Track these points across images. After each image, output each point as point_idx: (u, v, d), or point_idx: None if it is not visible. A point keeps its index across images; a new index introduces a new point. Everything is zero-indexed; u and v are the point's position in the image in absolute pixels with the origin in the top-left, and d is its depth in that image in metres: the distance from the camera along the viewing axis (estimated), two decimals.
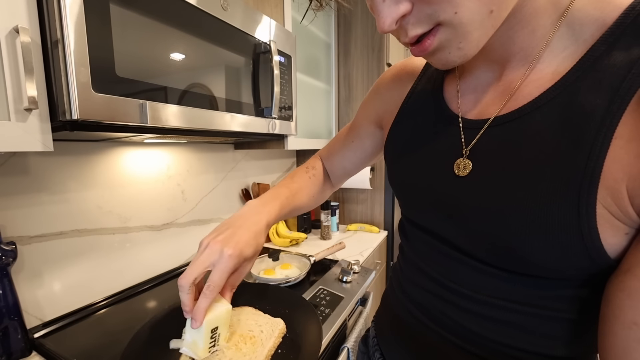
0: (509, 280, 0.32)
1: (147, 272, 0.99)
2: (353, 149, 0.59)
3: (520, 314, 0.32)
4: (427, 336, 0.41)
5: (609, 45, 0.26)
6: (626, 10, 0.26)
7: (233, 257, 0.38)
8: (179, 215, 1.08)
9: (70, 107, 0.47)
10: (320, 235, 1.46)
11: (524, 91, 0.31)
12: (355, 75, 1.56)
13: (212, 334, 0.40)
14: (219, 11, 0.71)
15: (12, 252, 0.65)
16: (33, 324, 0.73)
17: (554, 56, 0.29)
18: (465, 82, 0.38)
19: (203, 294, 0.38)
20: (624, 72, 0.25)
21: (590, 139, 0.25)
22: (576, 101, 0.27)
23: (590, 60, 0.27)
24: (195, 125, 0.68)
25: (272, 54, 0.86)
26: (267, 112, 0.89)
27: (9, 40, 0.45)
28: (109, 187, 0.88)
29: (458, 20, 0.26)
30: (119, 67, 0.52)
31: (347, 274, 0.98)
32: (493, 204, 0.31)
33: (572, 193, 0.26)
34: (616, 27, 0.26)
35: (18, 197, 0.70)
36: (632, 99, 0.24)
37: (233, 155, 1.31)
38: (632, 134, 0.24)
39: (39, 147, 0.49)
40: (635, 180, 0.24)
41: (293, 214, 0.55)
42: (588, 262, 0.27)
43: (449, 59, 0.29)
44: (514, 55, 0.32)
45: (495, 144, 0.32)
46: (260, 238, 0.43)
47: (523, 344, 0.33)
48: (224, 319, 0.41)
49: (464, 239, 0.35)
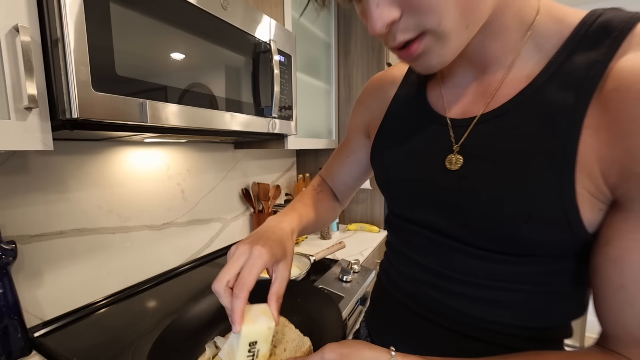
0: (500, 262, 0.35)
1: (147, 271, 0.99)
2: (349, 164, 0.61)
3: (511, 292, 0.36)
4: (425, 328, 0.43)
5: (569, 52, 0.31)
6: (579, 25, 0.32)
7: (262, 254, 0.38)
8: (178, 214, 1.09)
9: (70, 106, 0.47)
10: (320, 235, 1.46)
11: (502, 92, 0.35)
12: (356, 75, 1.56)
13: (250, 348, 0.37)
14: (219, 10, 0.71)
15: (12, 251, 0.65)
16: (33, 323, 0.73)
17: (524, 63, 0.34)
18: (448, 86, 0.42)
19: (235, 295, 0.36)
20: (584, 73, 0.30)
21: (564, 130, 0.30)
22: (548, 99, 0.31)
23: (555, 65, 0.32)
24: (195, 125, 0.68)
25: (272, 53, 0.86)
26: (267, 111, 0.89)
27: (9, 39, 0.45)
28: (109, 187, 0.88)
29: (441, 30, 0.30)
30: (119, 66, 0.52)
31: (347, 273, 0.98)
32: (485, 192, 0.34)
33: (554, 177, 0.30)
34: (573, 38, 0.32)
35: (18, 196, 0.70)
36: (594, 94, 0.29)
37: (233, 155, 1.31)
38: (597, 124, 0.28)
39: (39, 146, 0.49)
40: (606, 163, 0.28)
41: (312, 227, 0.56)
42: (570, 236, 0.31)
43: (431, 64, 0.33)
44: (490, 62, 0.36)
45: (483, 139, 0.36)
46: (287, 242, 0.43)
47: (513, 320, 0.37)
48: (265, 335, 0.38)
49: (459, 228, 0.38)
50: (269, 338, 0.38)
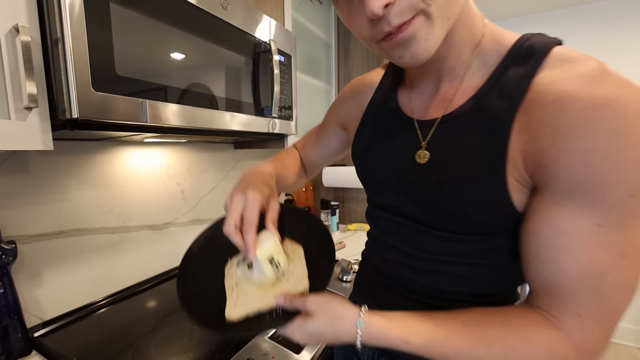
0: (456, 241, 0.43)
1: (147, 271, 0.99)
2: (322, 145, 0.70)
3: (467, 265, 0.43)
4: (402, 303, 0.49)
5: (505, 68, 0.38)
6: (512, 46, 0.39)
7: (256, 194, 0.45)
8: (178, 214, 1.09)
9: (70, 106, 0.47)
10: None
11: (456, 99, 0.42)
12: (355, 75, 1.56)
13: (272, 263, 0.45)
14: (219, 10, 0.71)
15: (12, 251, 0.65)
16: (33, 323, 0.73)
17: (472, 75, 0.41)
18: (414, 92, 0.49)
19: (245, 231, 0.44)
20: (515, 85, 0.37)
21: (499, 131, 0.37)
22: (488, 105, 0.38)
23: (494, 78, 0.39)
24: (195, 124, 0.68)
25: (272, 53, 0.86)
26: (267, 111, 0.89)
27: (9, 38, 0.45)
28: (109, 187, 0.88)
29: (431, 11, 0.34)
30: (119, 66, 0.52)
31: (347, 273, 0.98)
32: (447, 182, 0.41)
33: (493, 168, 0.37)
34: (508, 56, 0.39)
35: (18, 196, 0.70)
36: (521, 102, 0.36)
37: (233, 155, 1.31)
38: (521, 125, 0.35)
39: (39, 146, 0.49)
40: (526, 156, 0.35)
41: (284, 180, 0.62)
42: (503, 214, 0.38)
43: (417, 51, 0.36)
44: (446, 72, 0.43)
45: (444, 137, 0.42)
46: (270, 181, 0.52)
47: (470, 289, 0.45)
48: (275, 249, 0.45)
49: (425, 213, 0.45)
50: (280, 249, 0.46)
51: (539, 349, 0.35)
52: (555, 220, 0.34)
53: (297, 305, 0.42)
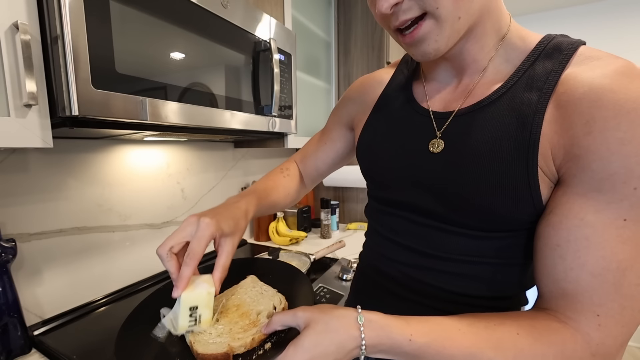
0: (473, 237, 0.41)
1: (146, 270, 0.99)
2: (326, 151, 0.66)
3: (485, 265, 0.42)
4: (403, 307, 0.46)
5: (531, 63, 0.39)
6: (538, 44, 0.40)
7: (210, 225, 0.40)
8: (178, 213, 1.08)
9: (70, 103, 0.47)
10: (320, 234, 1.46)
11: (477, 91, 0.42)
12: (355, 74, 1.56)
13: (192, 313, 0.40)
14: (219, 9, 0.71)
15: (11, 249, 0.65)
16: (33, 321, 0.73)
17: (495, 68, 0.42)
18: (431, 86, 0.49)
19: (184, 263, 0.39)
20: (544, 78, 0.37)
21: (530, 121, 0.36)
22: (517, 97, 0.38)
23: (522, 71, 0.39)
24: (195, 123, 0.67)
25: (272, 52, 0.86)
26: (267, 110, 0.89)
27: (8, 36, 0.45)
28: (109, 185, 0.88)
29: (439, 14, 0.36)
30: (118, 64, 0.52)
31: (347, 272, 0.98)
32: (464, 172, 0.40)
33: (522, 159, 0.36)
34: (534, 52, 0.39)
35: (18, 195, 0.70)
36: (552, 95, 0.36)
37: (233, 154, 1.30)
38: (552, 117, 0.35)
39: (38, 143, 0.49)
40: (555, 149, 0.35)
41: (271, 209, 0.59)
42: (532, 209, 0.37)
43: (428, 50, 0.39)
44: (469, 65, 0.43)
45: (462, 127, 0.42)
46: (240, 221, 0.46)
47: (485, 292, 0.43)
48: (204, 300, 0.40)
49: (439, 205, 0.43)
50: (210, 303, 0.40)
51: (552, 350, 0.33)
52: (579, 212, 0.33)
53: (287, 322, 0.38)
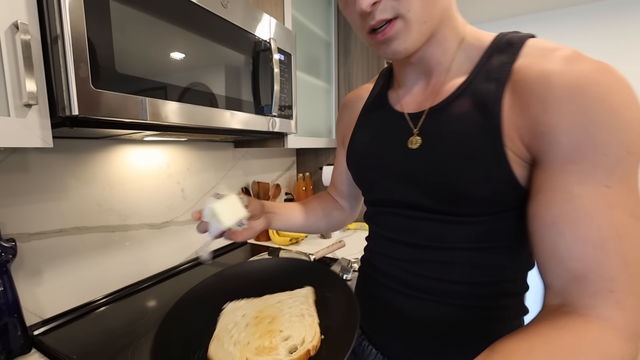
0: (464, 223, 0.44)
1: (146, 270, 0.99)
2: (339, 173, 0.71)
3: (477, 251, 0.45)
4: (407, 303, 0.50)
5: (488, 57, 0.43)
6: (493, 41, 0.44)
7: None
8: (178, 213, 1.09)
9: (70, 103, 0.47)
10: (320, 234, 1.46)
11: (445, 89, 0.46)
12: (355, 74, 1.56)
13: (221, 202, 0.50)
14: (219, 8, 0.71)
15: (11, 249, 0.65)
16: (33, 321, 0.73)
17: (458, 67, 0.46)
18: (404, 90, 0.53)
19: None
20: (500, 69, 0.41)
21: (491, 109, 0.40)
22: (478, 88, 0.42)
23: (480, 67, 0.43)
24: (195, 123, 0.67)
25: (272, 52, 0.86)
26: (267, 110, 0.89)
27: (8, 35, 0.45)
28: (109, 185, 0.88)
29: (409, 17, 0.40)
30: (118, 64, 0.52)
31: (347, 272, 0.98)
32: (441, 162, 0.44)
33: (489, 142, 0.40)
34: (489, 49, 0.43)
35: (18, 194, 0.70)
36: (507, 83, 0.39)
37: (233, 154, 1.30)
38: (511, 103, 0.39)
39: (38, 143, 0.49)
40: (521, 129, 0.38)
41: (295, 226, 0.69)
42: (508, 187, 0.40)
43: (398, 49, 0.42)
44: (434, 67, 0.47)
45: (435, 123, 0.46)
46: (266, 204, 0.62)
47: (480, 277, 0.45)
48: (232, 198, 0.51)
49: (424, 197, 0.46)
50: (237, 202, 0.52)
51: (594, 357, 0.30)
52: (565, 186, 0.34)
53: None
